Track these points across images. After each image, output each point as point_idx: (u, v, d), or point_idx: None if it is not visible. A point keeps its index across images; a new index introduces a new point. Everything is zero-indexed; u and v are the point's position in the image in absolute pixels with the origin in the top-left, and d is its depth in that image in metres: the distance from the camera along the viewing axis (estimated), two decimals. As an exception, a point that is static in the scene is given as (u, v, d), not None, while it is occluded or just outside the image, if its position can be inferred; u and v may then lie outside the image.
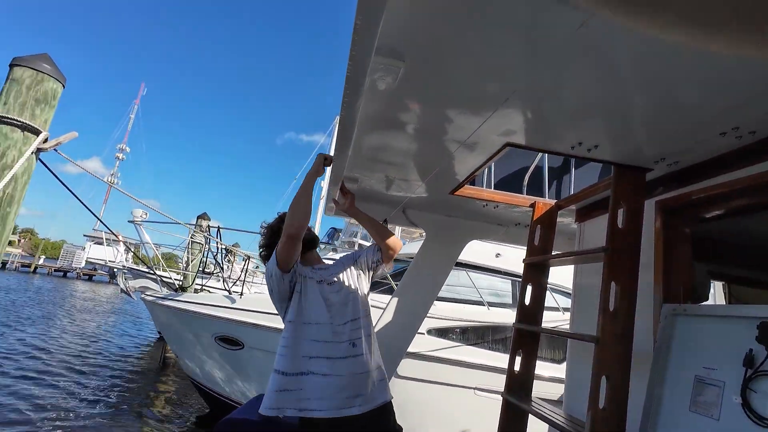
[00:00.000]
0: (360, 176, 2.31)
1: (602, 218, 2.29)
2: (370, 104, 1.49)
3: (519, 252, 5.65)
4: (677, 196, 1.75)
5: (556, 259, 2.12)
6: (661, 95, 1.24)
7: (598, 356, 1.60)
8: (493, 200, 2.48)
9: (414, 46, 1.16)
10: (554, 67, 1.17)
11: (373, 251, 2.04)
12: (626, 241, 1.68)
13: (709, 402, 1.36)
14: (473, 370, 5.08)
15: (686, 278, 1.69)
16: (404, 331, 2.90)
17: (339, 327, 1.79)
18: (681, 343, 1.54)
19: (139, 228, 6.50)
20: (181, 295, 6.10)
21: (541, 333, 2.20)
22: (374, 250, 2.04)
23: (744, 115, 1.32)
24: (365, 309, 1.92)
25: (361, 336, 1.81)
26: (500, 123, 1.53)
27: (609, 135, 1.56)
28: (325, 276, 1.92)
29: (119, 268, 10.15)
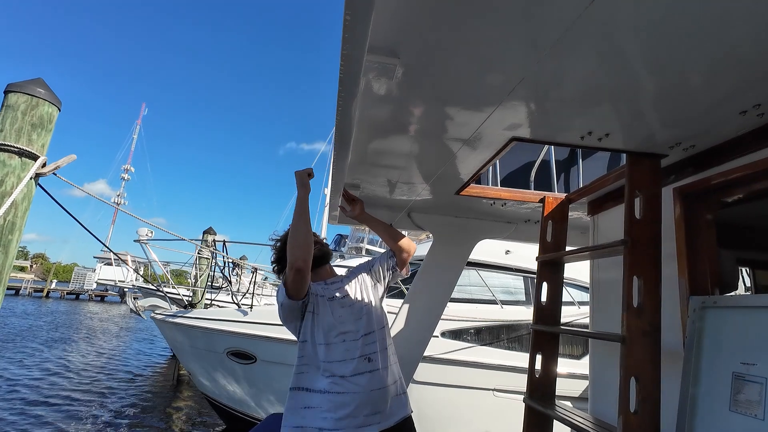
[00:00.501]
0: (362, 182, 2.24)
1: (616, 210, 2.19)
2: (366, 106, 1.43)
3: (529, 248, 5.55)
4: (696, 182, 1.66)
5: (571, 255, 2.03)
6: (672, 76, 1.17)
7: (625, 356, 1.51)
8: (501, 198, 2.39)
9: (408, 41, 1.10)
10: (558, 54, 1.10)
11: (386, 258, 1.98)
12: (646, 232, 1.59)
13: (751, 400, 1.26)
14: (491, 371, 4.98)
15: (713, 267, 1.59)
16: (418, 336, 2.82)
17: (352, 343, 1.73)
18: (713, 337, 1.44)
19: (145, 247, 6.48)
20: (191, 311, 6.06)
21: (561, 333, 2.11)
22: (388, 256, 1.98)
23: (764, 90, 1.23)
24: (381, 321, 1.84)
25: (377, 350, 1.74)
26: (505, 117, 1.46)
27: (620, 122, 1.48)
28: (336, 291, 1.84)
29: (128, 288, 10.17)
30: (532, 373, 2.17)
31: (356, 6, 0.88)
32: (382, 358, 1.75)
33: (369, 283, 1.90)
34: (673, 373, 1.53)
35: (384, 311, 1.90)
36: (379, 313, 1.86)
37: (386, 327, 1.87)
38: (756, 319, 1.31)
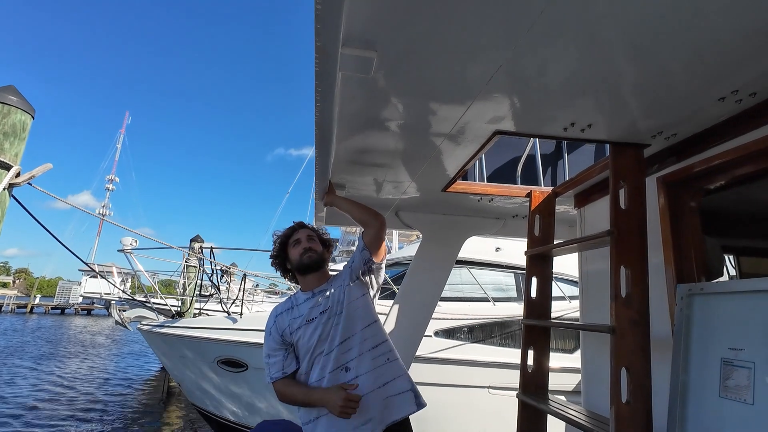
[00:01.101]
0: (346, 181, 2.21)
1: (602, 201, 2.20)
2: (345, 102, 1.40)
3: (519, 244, 5.57)
4: (679, 170, 1.67)
5: (559, 248, 2.02)
6: (650, 65, 1.17)
7: (615, 347, 1.50)
8: (488, 193, 2.39)
9: (385, 32, 1.07)
10: (537, 42, 1.08)
11: (360, 250, 1.83)
12: (631, 222, 1.59)
13: (740, 385, 1.26)
14: (485, 369, 4.97)
15: (699, 255, 1.60)
16: (410, 337, 2.79)
17: (325, 358, 1.64)
18: (701, 324, 1.44)
19: (130, 257, 6.33)
20: (179, 321, 5.94)
21: (552, 327, 2.10)
22: (361, 248, 1.83)
23: (742, 76, 1.24)
24: (366, 318, 1.73)
25: (356, 356, 1.65)
26: (487, 110, 1.44)
27: (602, 112, 1.47)
28: (314, 307, 1.73)
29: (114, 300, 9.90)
30: (525, 368, 2.16)
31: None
32: (365, 361, 1.65)
33: (349, 281, 1.79)
34: (663, 361, 1.53)
35: (371, 307, 1.78)
36: (363, 311, 1.74)
37: (375, 323, 1.75)
38: (742, 305, 1.31)
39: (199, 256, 6.79)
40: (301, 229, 1.87)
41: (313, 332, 1.68)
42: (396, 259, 7.03)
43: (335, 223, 2.83)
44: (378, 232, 1.82)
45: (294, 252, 1.81)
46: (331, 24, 0.92)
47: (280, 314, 1.78)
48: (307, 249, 1.78)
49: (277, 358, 1.71)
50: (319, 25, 0.93)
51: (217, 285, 6.48)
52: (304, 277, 1.80)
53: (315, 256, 1.78)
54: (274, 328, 1.75)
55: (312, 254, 1.78)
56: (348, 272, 1.82)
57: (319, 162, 1.76)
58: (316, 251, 1.79)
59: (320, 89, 1.18)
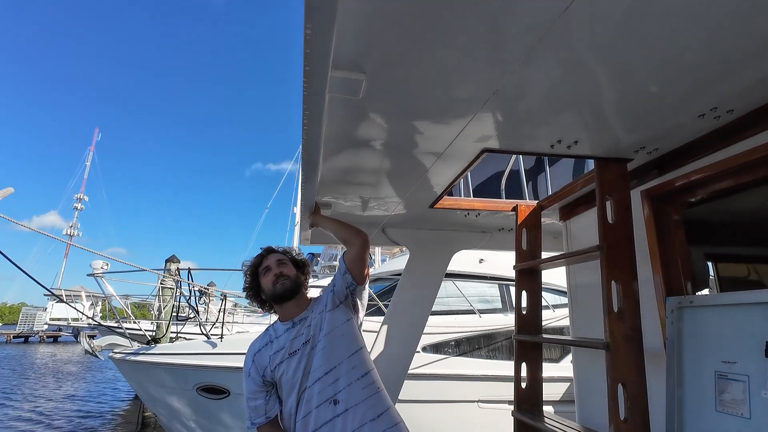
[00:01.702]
0: (333, 201, 2.16)
1: (587, 214, 2.23)
2: (333, 123, 1.37)
3: (502, 255, 5.62)
4: (662, 184, 1.71)
5: (549, 263, 2.03)
6: (631, 83, 1.21)
7: (611, 363, 1.49)
8: (474, 208, 2.39)
9: (374, 55, 1.06)
10: (527, 66, 1.10)
11: (342, 273, 1.71)
12: (619, 236, 1.61)
13: (736, 399, 1.27)
14: (474, 382, 4.93)
15: (686, 266, 1.63)
16: (401, 355, 2.74)
17: (309, 392, 1.51)
18: (693, 337, 1.45)
19: (101, 281, 6.01)
20: (154, 347, 5.65)
21: (544, 342, 2.09)
22: (342, 272, 1.71)
23: (719, 94, 1.28)
24: (350, 346, 1.59)
25: (344, 386, 1.51)
26: (475, 129, 1.45)
27: (586, 129, 1.50)
28: (295, 338, 1.60)
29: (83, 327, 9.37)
30: (519, 384, 2.13)
31: (317, 19, 0.82)
32: (355, 392, 1.52)
33: (332, 306, 1.66)
34: (658, 375, 1.53)
35: (356, 333, 1.65)
36: (348, 338, 1.61)
37: (362, 350, 1.62)
38: (732, 317, 1.33)
39: (177, 278, 6.53)
40: (269, 254, 1.72)
41: (297, 366, 1.55)
42: (379, 274, 6.96)
43: (321, 242, 2.77)
44: (359, 251, 1.70)
45: (266, 281, 1.65)
46: (320, 48, 0.89)
47: (258, 351, 1.64)
48: (278, 276, 1.63)
49: (259, 401, 1.58)
50: (309, 49, 0.89)
51: (196, 307, 6.23)
52: (281, 307, 1.65)
53: (288, 283, 1.63)
54: (254, 369, 1.61)
55: (285, 281, 1.63)
56: (330, 296, 1.68)
57: (306, 183, 1.71)
58: (289, 276, 1.65)
59: (308, 112, 1.15)
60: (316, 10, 0.79)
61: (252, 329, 8.68)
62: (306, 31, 0.84)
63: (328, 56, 0.92)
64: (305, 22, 0.83)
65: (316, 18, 0.81)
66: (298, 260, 1.76)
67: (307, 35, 0.85)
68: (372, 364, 1.63)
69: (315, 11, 0.79)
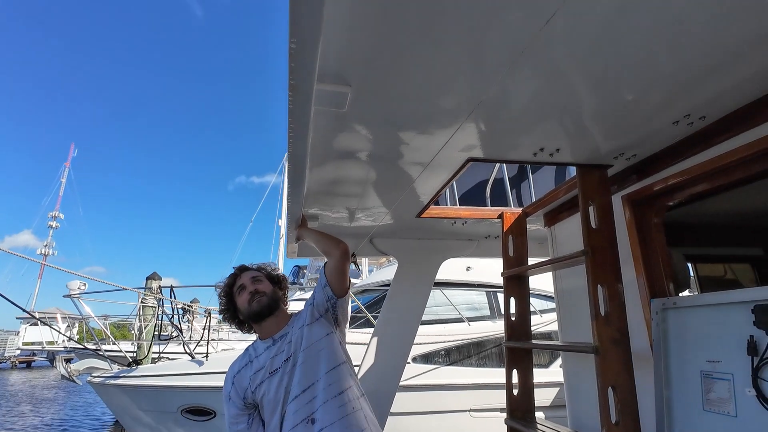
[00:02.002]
0: (320, 213, 2.15)
1: (570, 219, 2.28)
2: (319, 135, 1.37)
3: (489, 262, 5.67)
4: (641, 189, 1.76)
5: (536, 269, 2.05)
6: (607, 93, 1.26)
7: (600, 367, 1.51)
8: (461, 216, 2.40)
9: (359, 68, 1.07)
10: (510, 77, 1.13)
11: (322, 286, 1.65)
12: (603, 240, 1.64)
13: (722, 398, 1.29)
14: (465, 392, 4.91)
15: (667, 268, 1.67)
16: (392, 367, 2.71)
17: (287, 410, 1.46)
18: (678, 338, 1.48)
19: (78, 302, 5.78)
20: (136, 369, 5.44)
21: (534, 348, 2.10)
22: (323, 284, 1.65)
23: (691, 101, 1.33)
24: (331, 360, 1.53)
25: (320, 404, 1.45)
26: (461, 139, 1.47)
27: (567, 137, 1.54)
28: (276, 356, 1.55)
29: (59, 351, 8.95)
30: (511, 392, 2.13)
31: (302, 33, 0.82)
32: (330, 410, 1.45)
33: (311, 320, 1.60)
34: (646, 377, 1.55)
35: (336, 348, 1.58)
36: (327, 353, 1.55)
37: (341, 366, 1.54)
38: (714, 317, 1.36)
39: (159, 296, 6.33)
40: (243, 273, 1.68)
41: (278, 385, 1.49)
42: (366, 285, 6.92)
43: (308, 255, 2.74)
44: (338, 262, 1.64)
45: (241, 300, 1.60)
46: (305, 62, 0.89)
47: (238, 373, 1.59)
48: (253, 293, 1.58)
49: (242, 426, 1.53)
50: (294, 63, 0.89)
51: (179, 326, 6.05)
52: (260, 325, 1.60)
53: (265, 300, 1.58)
54: (234, 392, 1.56)
55: (261, 298, 1.58)
56: (309, 310, 1.62)
57: (292, 196, 1.69)
58: (265, 293, 1.59)
59: (294, 125, 1.14)
60: (301, 23, 0.79)
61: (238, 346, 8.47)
62: (291, 45, 0.84)
63: (313, 70, 0.92)
64: (290, 36, 0.83)
65: (301, 31, 0.81)
66: (274, 276, 1.72)
67: (292, 49, 0.85)
68: (351, 381, 1.56)
69: (300, 25, 0.79)
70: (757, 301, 1.23)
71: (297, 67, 0.90)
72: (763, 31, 1.00)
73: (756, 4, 0.92)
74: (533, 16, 0.93)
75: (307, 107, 1.06)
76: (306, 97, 1.02)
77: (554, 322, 5.27)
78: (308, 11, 0.76)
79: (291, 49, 0.85)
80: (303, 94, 1.01)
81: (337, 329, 1.65)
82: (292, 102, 1.03)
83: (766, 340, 1.19)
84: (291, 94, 1.00)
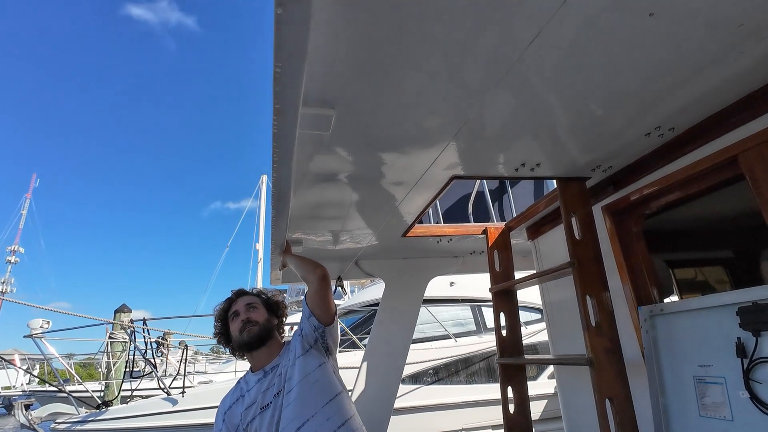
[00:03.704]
0: (304, 237, 2.10)
1: (553, 232, 2.31)
2: (303, 159, 1.35)
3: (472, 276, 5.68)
4: (619, 199, 1.81)
5: (523, 283, 2.06)
6: (582, 109, 1.30)
7: (596, 379, 1.50)
8: (446, 234, 2.40)
9: (344, 91, 1.06)
10: (491, 98, 1.17)
11: (307, 317, 1.60)
12: (588, 251, 1.67)
13: (717, 402, 1.30)
14: (456, 410, 4.83)
15: (651, 275, 1.71)
16: (385, 391, 2.63)
17: None
18: (668, 344, 1.50)
19: (41, 342, 5.38)
20: (106, 411, 5.06)
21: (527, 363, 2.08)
22: (308, 315, 1.60)
23: (659, 114, 1.39)
24: (325, 393, 1.47)
25: None
26: (445, 158, 1.48)
27: (546, 152, 1.57)
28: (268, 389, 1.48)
29: (17, 396, 8.23)
30: (507, 409, 2.09)
31: (287, 57, 0.80)
32: None
33: (302, 352, 1.53)
34: (641, 385, 1.56)
35: (331, 378, 1.52)
36: (323, 384, 1.49)
37: (339, 396, 1.49)
38: (702, 321, 1.39)
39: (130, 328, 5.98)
40: (239, 297, 1.62)
41: (271, 421, 1.41)
42: (350, 306, 6.79)
43: (292, 281, 2.67)
44: (318, 288, 1.59)
45: (233, 327, 1.55)
46: (290, 86, 0.87)
47: (229, 409, 1.51)
48: (245, 322, 1.52)
49: None
50: (278, 87, 0.87)
51: (153, 362, 5.71)
52: (251, 355, 1.54)
53: (256, 330, 1.52)
54: (225, 430, 1.49)
55: (252, 327, 1.52)
56: (299, 342, 1.56)
57: (276, 221, 1.64)
58: (257, 322, 1.53)
59: (278, 149, 1.11)
60: (286, 47, 0.78)
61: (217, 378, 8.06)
62: (276, 69, 0.82)
63: (298, 93, 0.90)
64: (275, 60, 0.81)
65: (286, 56, 0.80)
66: (272, 302, 1.65)
67: (277, 73, 0.83)
68: (352, 410, 1.50)
69: (284, 49, 0.78)
70: (740, 303, 1.26)
71: (281, 91, 0.89)
72: (717, 49, 1.07)
73: (708, 26, 0.98)
74: (512, 42, 0.96)
75: (292, 131, 1.04)
76: (291, 120, 0.99)
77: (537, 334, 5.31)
78: (293, 35, 0.74)
79: (276, 74, 0.83)
80: (288, 118, 0.98)
81: (330, 357, 1.59)
82: (277, 126, 1.01)
83: (754, 341, 1.22)
84: (276, 119, 0.98)
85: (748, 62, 1.14)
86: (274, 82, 0.86)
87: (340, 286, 2.76)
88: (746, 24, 0.99)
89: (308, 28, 0.73)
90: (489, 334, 5.51)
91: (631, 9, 0.91)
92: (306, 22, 0.71)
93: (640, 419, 1.49)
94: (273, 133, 1.04)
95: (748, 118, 1.34)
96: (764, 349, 1.20)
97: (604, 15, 0.92)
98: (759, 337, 1.21)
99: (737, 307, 1.27)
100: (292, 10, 0.68)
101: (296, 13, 0.69)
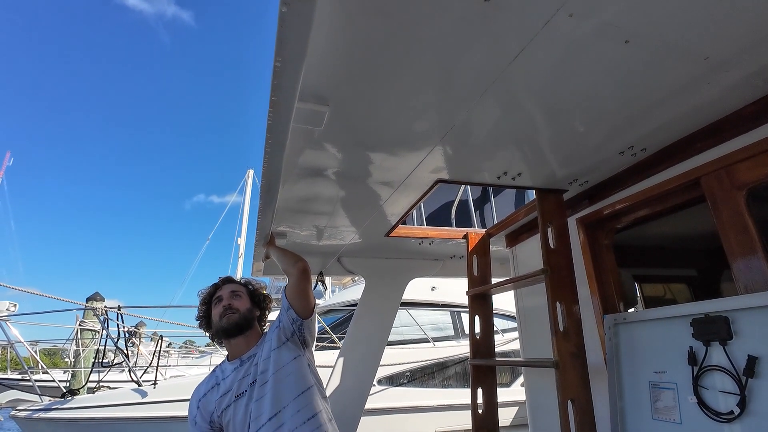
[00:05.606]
0: (288, 230, 2.13)
1: (530, 240, 2.41)
2: (294, 152, 1.39)
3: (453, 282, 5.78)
4: (593, 213, 1.91)
5: (499, 287, 2.14)
6: (562, 124, 1.38)
7: (560, 381, 1.58)
8: (428, 236, 2.47)
9: (339, 89, 1.11)
10: (477, 106, 1.23)
11: (286, 309, 1.61)
12: (561, 260, 1.76)
13: (668, 406, 1.39)
14: (430, 413, 4.89)
15: (618, 286, 1.80)
16: (359, 389, 2.67)
17: None
18: (628, 351, 1.59)
19: (6, 324, 5.21)
20: (71, 400, 4.93)
21: (498, 365, 2.16)
22: (286, 307, 1.61)
23: (633, 134, 1.49)
24: (299, 385, 1.49)
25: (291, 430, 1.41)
26: (431, 161, 1.54)
27: (527, 163, 1.66)
28: (243, 378, 1.50)
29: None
30: (476, 410, 2.16)
31: (288, 52, 0.85)
32: None
33: (278, 344, 1.55)
34: (601, 389, 1.64)
35: (304, 371, 1.54)
36: (295, 377, 1.50)
37: (310, 390, 1.50)
38: (659, 330, 1.49)
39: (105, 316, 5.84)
40: (225, 284, 1.64)
41: (245, 409, 1.44)
42: (331, 305, 6.80)
43: (273, 273, 2.68)
44: (298, 281, 1.60)
45: (215, 312, 1.58)
46: (289, 80, 0.92)
47: (203, 397, 1.53)
48: (226, 308, 1.54)
49: None
50: (277, 81, 0.92)
51: (125, 351, 5.59)
52: (229, 343, 1.56)
53: (235, 318, 1.53)
54: (199, 416, 1.50)
55: (231, 315, 1.53)
56: (276, 333, 1.57)
57: (264, 211, 1.68)
58: (238, 310, 1.55)
59: (271, 141, 1.15)
60: (288, 43, 0.82)
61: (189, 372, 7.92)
62: (276, 64, 0.87)
63: (295, 88, 0.95)
64: (276, 55, 0.85)
65: (287, 51, 0.84)
66: (257, 294, 1.67)
67: (277, 67, 0.88)
68: (321, 405, 1.52)
69: (286, 45, 0.83)
70: (693, 315, 1.36)
71: (280, 84, 0.93)
72: (687, 78, 1.16)
73: (679, 56, 1.07)
74: (499, 55, 1.03)
75: (287, 124, 1.08)
76: (286, 114, 1.04)
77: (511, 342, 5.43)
78: (295, 33, 0.79)
79: (276, 68, 0.88)
80: (283, 111, 1.03)
81: (306, 350, 1.62)
82: (272, 118, 1.05)
83: (704, 351, 1.32)
84: (272, 110, 1.02)
85: (715, 92, 1.24)
86: (273, 76, 0.91)
87: (321, 281, 2.79)
88: (712, 57, 1.09)
89: (310, 26, 0.78)
90: (467, 339, 5.61)
91: (608, 35, 1.00)
92: (308, 21, 0.76)
93: (598, 420, 1.58)
94: (267, 125, 1.08)
95: (711, 144, 1.44)
96: (713, 358, 1.29)
97: (584, 39, 1.00)
98: (708, 347, 1.31)
99: (691, 318, 1.36)
100: (296, 8, 0.73)
101: (300, 11, 0.74)
